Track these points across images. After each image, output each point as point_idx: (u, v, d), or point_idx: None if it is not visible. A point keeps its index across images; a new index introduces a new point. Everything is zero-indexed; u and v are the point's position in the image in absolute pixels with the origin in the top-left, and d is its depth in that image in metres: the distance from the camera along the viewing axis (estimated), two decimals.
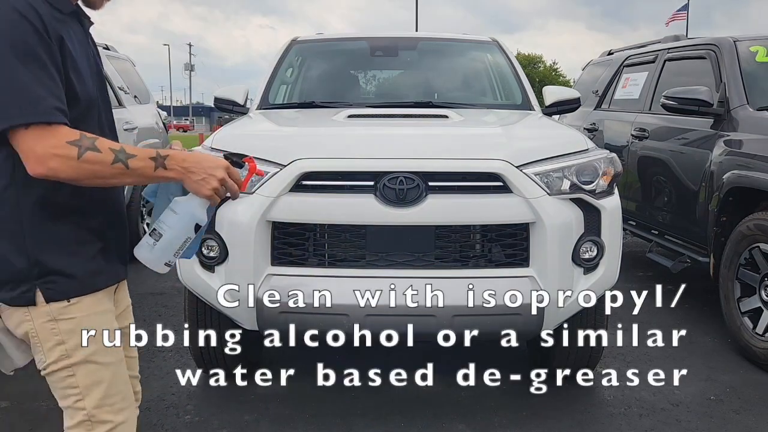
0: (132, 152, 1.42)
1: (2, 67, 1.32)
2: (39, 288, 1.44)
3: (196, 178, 1.48)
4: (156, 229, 1.55)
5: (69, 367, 1.52)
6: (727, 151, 3.95)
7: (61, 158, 1.34)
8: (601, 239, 2.76)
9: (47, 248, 1.45)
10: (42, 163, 1.34)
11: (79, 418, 1.55)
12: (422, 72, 4.62)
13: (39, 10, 1.38)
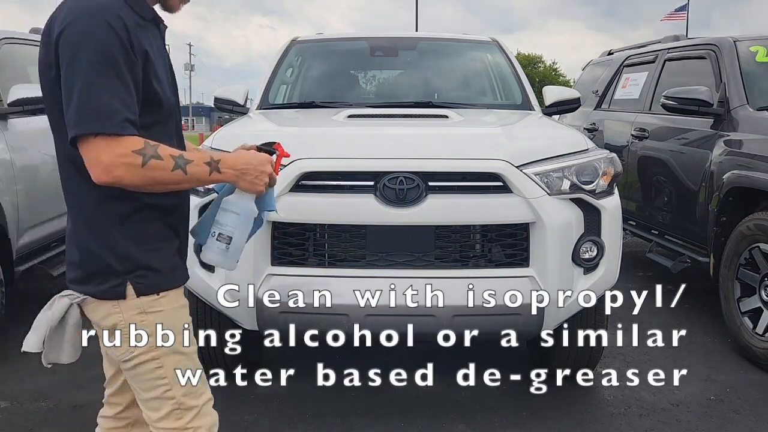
0: (189, 158, 1.46)
1: (85, 76, 1.36)
2: (130, 282, 1.50)
3: (250, 178, 1.56)
4: (222, 233, 1.62)
5: (158, 359, 1.57)
6: (727, 151, 3.95)
7: (127, 166, 1.38)
8: (601, 239, 2.76)
9: (135, 244, 1.50)
10: (108, 171, 1.38)
11: (169, 407, 1.59)
12: (422, 72, 4.62)
13: (126, 21, 1.42)
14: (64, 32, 1.38)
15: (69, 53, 1.37)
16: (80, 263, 1.51)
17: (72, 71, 1.37)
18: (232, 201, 1.62)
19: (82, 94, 1.36)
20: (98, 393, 3.23)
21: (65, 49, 1.38)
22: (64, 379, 3.38)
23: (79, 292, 1.52)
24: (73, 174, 1.50)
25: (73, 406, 3.09)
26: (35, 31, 5.06)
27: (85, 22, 1.37)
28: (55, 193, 4.36)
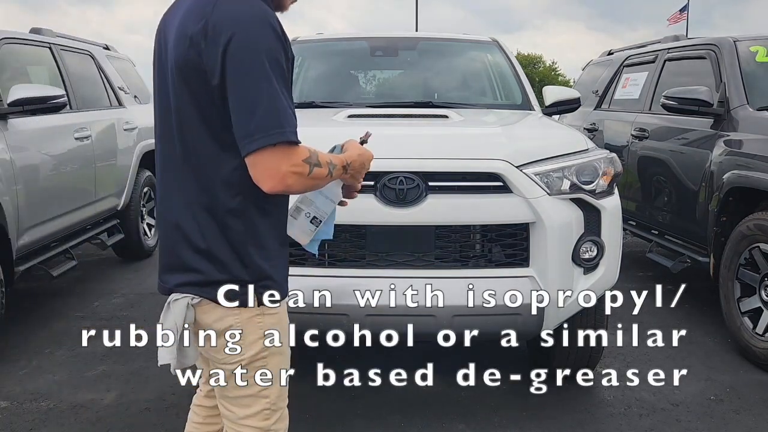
0: (334, 162, 1.52)
1: (267, 85, 1.35)
2: (256, 290, 1.52)
3: (359, 177, 1.67)
4: (316, 217, 1.68)
5: (266, 358, 1.59)
6: (727, 151, 3.95)
7: (298, 175, 1.40)
8: (601, 239, 2.76)
9: (259, 254, 1.51)
10: (282, 180, 1.38)
11: (261, 406, 1.61)
12: (422, 72, 4.62)
13: (280, 24, 1.42)
14: (236, 37, 1.34)
15: (247, 61, 1.34)
16: (203, 269, 1.50)
17: (252, 79, 1.34)
18: (331, 188, 1.66)
19: (267, 104, 1.35)
20: (98, 393, 3.25)
21: (241, 55, 1.34)
22: (64, 379, 3.38)
23: (196, 295, 1.51)
24: (218, 180, 1.46)
25: (73, 406, 3.09)
26: (35, 31, 5.06)
27: (258, 28, 1.36)
28: (55, 193, 4.37)
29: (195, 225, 1.48)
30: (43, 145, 4.28)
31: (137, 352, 3.67)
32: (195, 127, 1.44)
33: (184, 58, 1.40)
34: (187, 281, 1.51)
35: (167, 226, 1.54)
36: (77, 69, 5.17)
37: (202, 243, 1.48)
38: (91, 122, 4.98)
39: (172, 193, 1.52)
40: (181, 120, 1.46)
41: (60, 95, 4.18)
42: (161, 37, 1.52)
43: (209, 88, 1.39)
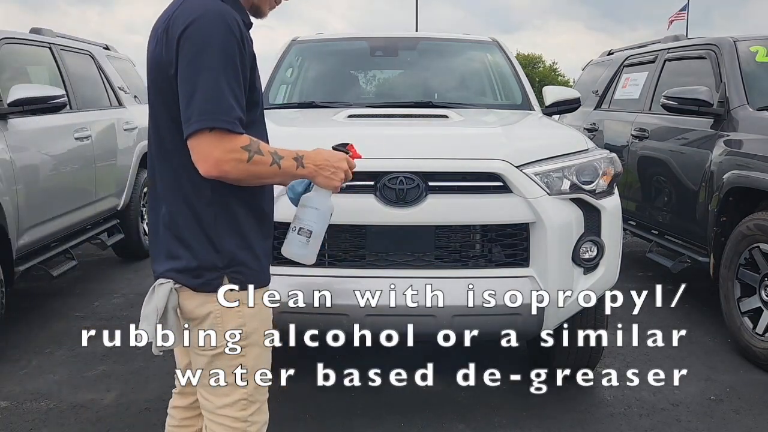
0: (281, 153, 1.55)
1: (208, 74, 1.42)
2: (227, 276, 1.58)
3: (327, 174, 1.66)
4: (303, 227, 1.74)
5: (244, 348, 1.64)
6: (727, 151, 3.95)
7: (235, 162, 1.45)
8: (601, 239, 2.76)
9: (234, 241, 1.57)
10: (217, 166, 1.44)
11: (238, 396, 1.66)
12: (422, 72, 4.62)
13: (240, 24, 1.49)
14: (188, 30, 1.43)
15: (193, 51, 1.42)
16: (181, 255, 1.56)
17: (195, 68, 1.42)
18: (312, 197, 1.73)
19: (206, 91, 1.41)
20: (98, 393, 3.25)
21: (189, 46, 1.42)
22: (64, 379, 3.38)
23: (177, 282, 1.56)
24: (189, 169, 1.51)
25: (73, 406, 3.09)
26: (35, 31, 5.06)
27: (209, 22, 1.43)
28: (55, 193, 4.37)
29: (174, 214, 1.55)
30: (43, 145, 4.28)
31: (137, 352, 3.67)
32: (164, 120, 1.53)
33: (152, 54, 1.51)
34: (170, 267, 1.57)
35: (154, 215, 1.61)
36: (77, 69, 5.17)
37: (180, 231, 1.55)
38: (91, 122, 4.98)
39: (156, 183, 1.59)
40: (155, 114, 1.55)
41: (60, 95, 4.18)
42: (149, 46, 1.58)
43: (169, 80, 1.47)
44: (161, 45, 1.48)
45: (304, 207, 1.74)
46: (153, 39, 1.53)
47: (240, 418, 1.67)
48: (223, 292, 1.58)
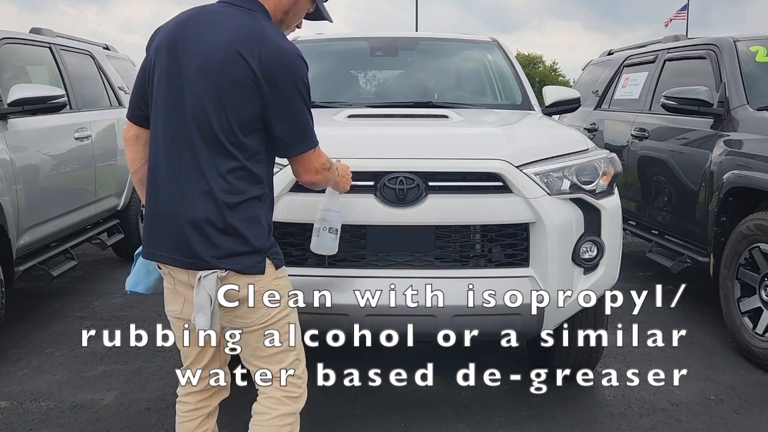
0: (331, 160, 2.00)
1: (304, 106, 1.78)
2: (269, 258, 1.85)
3: (345, 181, 2.26)
4: (332, 227, 2.35)
5: (287, 315, 1.92)
6: (727, 151, 3.95)
7: (324, 170, 1.93)
8: (601, 239, 2.76)
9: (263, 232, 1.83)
10: (316, 174, 1.90)
11: (292, 357, 1.95)
12: (422, 72, 4.62)
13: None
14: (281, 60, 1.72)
15: (289, 80, 1.74)
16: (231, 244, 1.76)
17: (296, 102, 1.76)
18: (332, 202, 2.34)
19: (307, 121, 1.81)
20: (98, 393, 3.25)
21: (285, 75, 1.73)
22: (64, 379, 3.38)
23: (223, 268, 1.75)
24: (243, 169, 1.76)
25: (73, 406, 3.09)
26: (35, 31, 5.07)
27: (298, 65, 1.76)
28: (55, 193, 4.37)
29: (212, 210, 1.73)
30: (43, 145, 4.28)
31: (137, 352, 3.68)
32: (215, 133, 1.73)
33: (234, 78, 1.71)
34: (218, 254, 1.75)
35: (179, 213, 1.75)
36: (77, 69, 5.17)
37: (221, 223, 1.74)
38: (91, 122, 4.98)
39: (186, 185, 1.74)
40: (202, 124, 1.73)
41: (60, 95, 4.18)
42: (177, 44, 1.76)
43: (250, 106, 1.73)
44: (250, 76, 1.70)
45: (327, 211, 2.33)
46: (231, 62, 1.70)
47: (298, 375, 1.97)
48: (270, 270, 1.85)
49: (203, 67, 1.72)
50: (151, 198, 1.82)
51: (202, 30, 1.76)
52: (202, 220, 1.73)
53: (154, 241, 1.82)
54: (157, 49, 1.79)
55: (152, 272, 2.08)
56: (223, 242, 1.74)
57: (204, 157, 1.73)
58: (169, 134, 1.76)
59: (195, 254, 1.74)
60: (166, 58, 1.77)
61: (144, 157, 1.91)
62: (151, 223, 1.83)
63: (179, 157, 1.75)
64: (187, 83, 1.73)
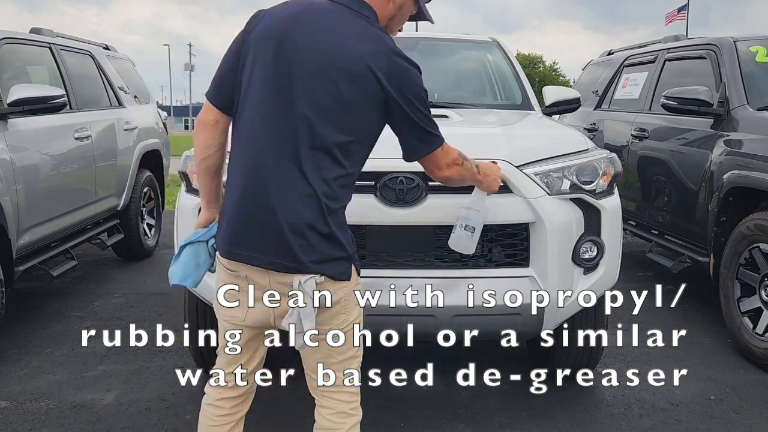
0: (470, 158, 2.08)
1: (427, 108, 1.85)
2: (353, 264, 1.84)
3: (490, 180, 2.27)
4: (469, 225, 2.41)
5: (359, 320, 1.90)
6: (727, 151, 3.95)
7: (456, 166, 1.99)
8: (601, 239, 2.76)
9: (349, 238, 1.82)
10: (448, 169, 1.97)
11: (357, 363, 1.97)
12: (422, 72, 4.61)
13: None
14: (406, 76, 1.77)
15: (414, 93, 1.79)
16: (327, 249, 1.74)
17: (420, 105, 1.81)
18: (475, 201, 2.40)
19: (430, 122, 1.85)
20: (98, 393, 3.25)
21: (409, 88, 1.78)
22: (64, 379, 3.38)
23: (320, 273, 1.73)
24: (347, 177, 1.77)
25: (73, 406, 3.09)
26: (35, 31, 5.06)
27: (419, 75, 1.81)
28: (55, 193, 4.37)
29: (315, 214, 1.70)
30: (43, 145, 4.28)
31: (137, 352, 3.68)
32: (327, 139, 1.70)
33: (364, 92, 1.71)
34: (315, 259, 1.72)
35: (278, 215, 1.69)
36: (77, 69, 5.17)
37: (324, 228, 1.72)
38: (91, 122, 4.98)
39: (287, 187, 1.69)
40: (313, 128, 1.69)
41: (60, 95, 4.18)
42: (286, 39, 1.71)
43: (372, 119, 1.77)
44: (370, 81, 1.71)
45: (469, 209, 2.40)
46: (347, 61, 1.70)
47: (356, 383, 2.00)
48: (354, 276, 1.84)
49: (324, 73, 1.68)
50: (236, 194, 1.74)
51: (317, 30, 1.72)
52: (304, 224, 1.68)
53: (239, 240, 1.74)
54: (262, 38, 1.72)
55: (201, 266, 1.98)
56: (323, 247, 1.72)
57: (309, 161, 1.68)
58: (270, 132, 1.70)
59: (295, 258, 1.70)
60: (272, 51, 1.70)
61: (220, 144, 1.84)
62: (235, 222, 1.74)
63: (279, 157, 1.69)
64: (301, 84, 1.69)
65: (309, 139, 1.69)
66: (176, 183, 8.71)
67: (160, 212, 6.41)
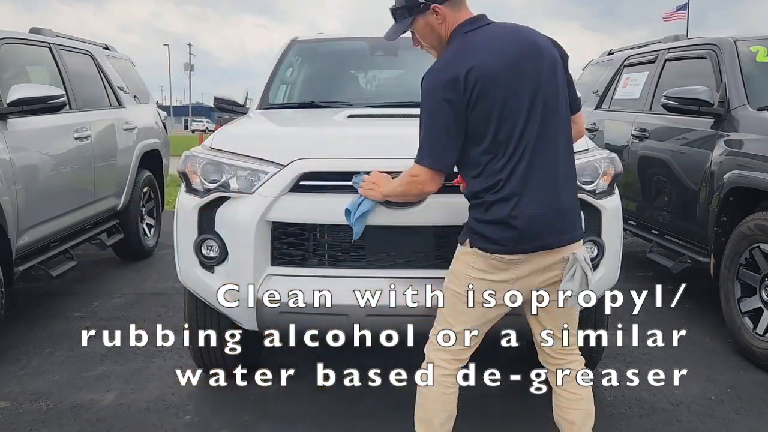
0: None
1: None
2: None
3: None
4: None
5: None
6: (727, 151, 3.95)
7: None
8: (601, 239, 2.76)
9: None
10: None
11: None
12: (422, 72, 4.57)
13: None
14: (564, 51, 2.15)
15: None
16: (580, 223, 2.13)
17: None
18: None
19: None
20: (98, 393, 3.24)
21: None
22: (64, 379, 3.38)
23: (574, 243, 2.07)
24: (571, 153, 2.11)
25: (73, 406, 3.09)
26: (35, 30, 5.06)
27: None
28: (54, 193, 4.36)
29: (575, 198, 2.10)
30: (42, 145, 4.28)
31: (137, 352, 3.67)
32: (569, 132, 2.11)
33: (562, 79, 2.08)
34: (577, 234, 2.09)
35: (556, 205, 2.03)
36: (77, 69, 5.17)
37: (578, 208, 2.12)
38: (90, 122, 4.97)
39: (560, 181, 2.04)
40: (564, 126, 2.08)
41: (59, 95, 4.18)
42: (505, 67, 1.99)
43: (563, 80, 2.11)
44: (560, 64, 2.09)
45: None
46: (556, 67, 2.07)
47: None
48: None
49: (547, 75, 2.02)
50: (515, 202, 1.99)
51: (516, 47, 2.03)
52: (572, 207, 2.07)
53: (528, 238, 2.01)
54: (482, 81, 1.97)
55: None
56: (580, 223, 2.12)
57: (564, 155, 2.05)
58: (539, 143, 2.00)
59: (573, 235, 2.06)
60: (505, 82, 1.98)
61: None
62: (524, 224, 1.99)
63: (548, 158, 2.00)
64: (543, 94, 2.01)
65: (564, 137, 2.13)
66: (176, 183, 8.70)
67: (159, 212, 6.41)
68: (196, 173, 2.79)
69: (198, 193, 2.78)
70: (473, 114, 1.99)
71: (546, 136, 2.01)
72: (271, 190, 2.64)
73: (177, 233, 2.84)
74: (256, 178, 2.68)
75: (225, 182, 2.73)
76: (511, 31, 2.11)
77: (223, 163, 2.76)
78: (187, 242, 2.78)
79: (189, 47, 74.90)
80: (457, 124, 2.00)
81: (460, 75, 1.97)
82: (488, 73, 1.97)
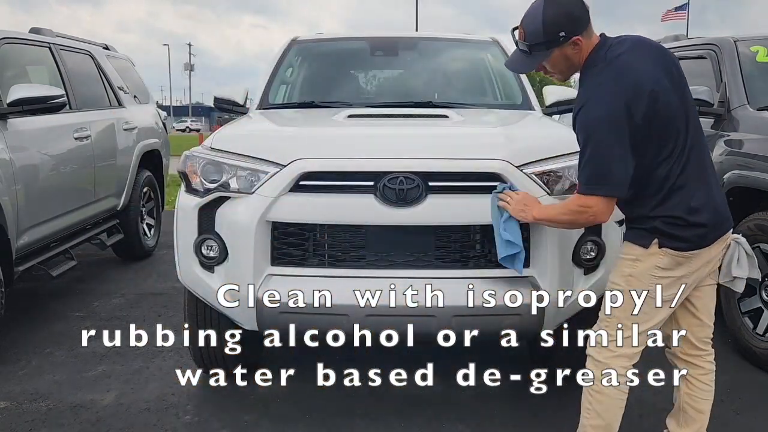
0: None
1: None
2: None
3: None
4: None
5: None
6: (727, 151, 3.95)
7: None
8: (601, 239, 2.76)
9: None
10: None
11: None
12: (422, 72, 4.62)
13: None
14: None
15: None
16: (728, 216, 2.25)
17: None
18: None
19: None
20: (98, 393, 3.25)
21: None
22: (64, 379, 3.38)
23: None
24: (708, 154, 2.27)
25: (73, 406, 3.09)
26: (35, 30, 5.06)
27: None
28: (54, 193, 4.36)
29: (715, 185, 2.24)
30: (42, 145, 4.28)
31: (137, 352, 3.67)
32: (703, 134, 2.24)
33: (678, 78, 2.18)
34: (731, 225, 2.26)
35: (718, 193, 2.22)
36: (77, 69, 5.17)
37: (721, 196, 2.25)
38: (90, 122, 4.97)
39: (709, 180, 2.20)
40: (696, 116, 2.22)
41: (59, 95, 4.18)
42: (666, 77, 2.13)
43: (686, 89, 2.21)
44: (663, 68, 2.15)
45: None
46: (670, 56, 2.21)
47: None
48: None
49: (678, 77, 2.17)
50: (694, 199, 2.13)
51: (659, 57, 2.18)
52: (723, 200, 2.22)
53: (712, 230, 2.17)
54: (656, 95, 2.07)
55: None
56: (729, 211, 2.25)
57: (707, 155, 2.23)
58: (695, 142, 2.15)
59: (730, 222, 2.23)
60: (668, 90, 2.11)
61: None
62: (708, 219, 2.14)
63: (703, 155, 2.19)
64: (683, 93, 2.16)
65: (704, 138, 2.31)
66: (176, 183, 8.71)
67: (159, 212, 6.41)
68: (196, 173, 2.79)
69: (198, 193, 2.78)
70: (651, 127, 2.08)
71: (696, 134, 2.17)
72: (271, 190, 2.64)
73: (177, 233, 2.84)
74: (256, 178, 2.68)
75: (225, 182, 2.73)
76: (638, 42, 2.21)
77: (223, 163, 2.76)
78: (187, 242, 2.78)
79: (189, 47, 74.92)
80: (633, 143, 2.08)
81: (638, 94, 2.05)
82: (658, 87, 2.08)
